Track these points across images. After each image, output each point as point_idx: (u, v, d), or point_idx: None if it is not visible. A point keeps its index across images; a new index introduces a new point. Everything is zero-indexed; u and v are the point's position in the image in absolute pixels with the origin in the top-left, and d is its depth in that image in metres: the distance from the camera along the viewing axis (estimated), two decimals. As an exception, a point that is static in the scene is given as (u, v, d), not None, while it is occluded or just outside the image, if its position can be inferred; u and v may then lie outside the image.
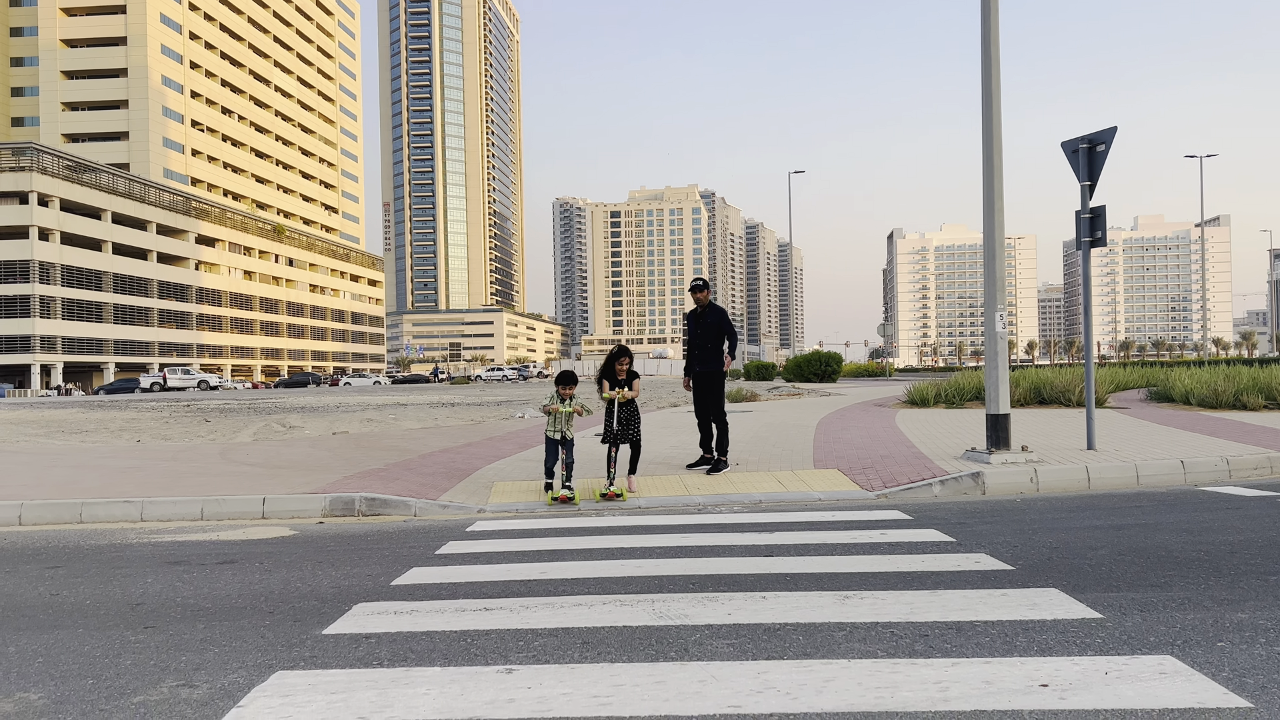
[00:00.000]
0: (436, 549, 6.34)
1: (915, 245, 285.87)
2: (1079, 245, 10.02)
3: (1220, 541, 5.78)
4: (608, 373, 8.49)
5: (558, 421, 8.35)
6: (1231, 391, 15.78)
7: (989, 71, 9.33)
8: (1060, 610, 4.27)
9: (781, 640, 3.94)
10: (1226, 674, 3.38)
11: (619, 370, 8.46)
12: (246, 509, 8.17)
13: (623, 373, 8.47)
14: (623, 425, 8.47)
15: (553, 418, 8.37)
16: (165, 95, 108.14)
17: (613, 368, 8.47)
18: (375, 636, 4.17)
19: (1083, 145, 9.86)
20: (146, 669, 3.81)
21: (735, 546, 6.07)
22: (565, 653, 3.85)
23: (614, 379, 8.47)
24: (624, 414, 8.48)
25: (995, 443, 9.24)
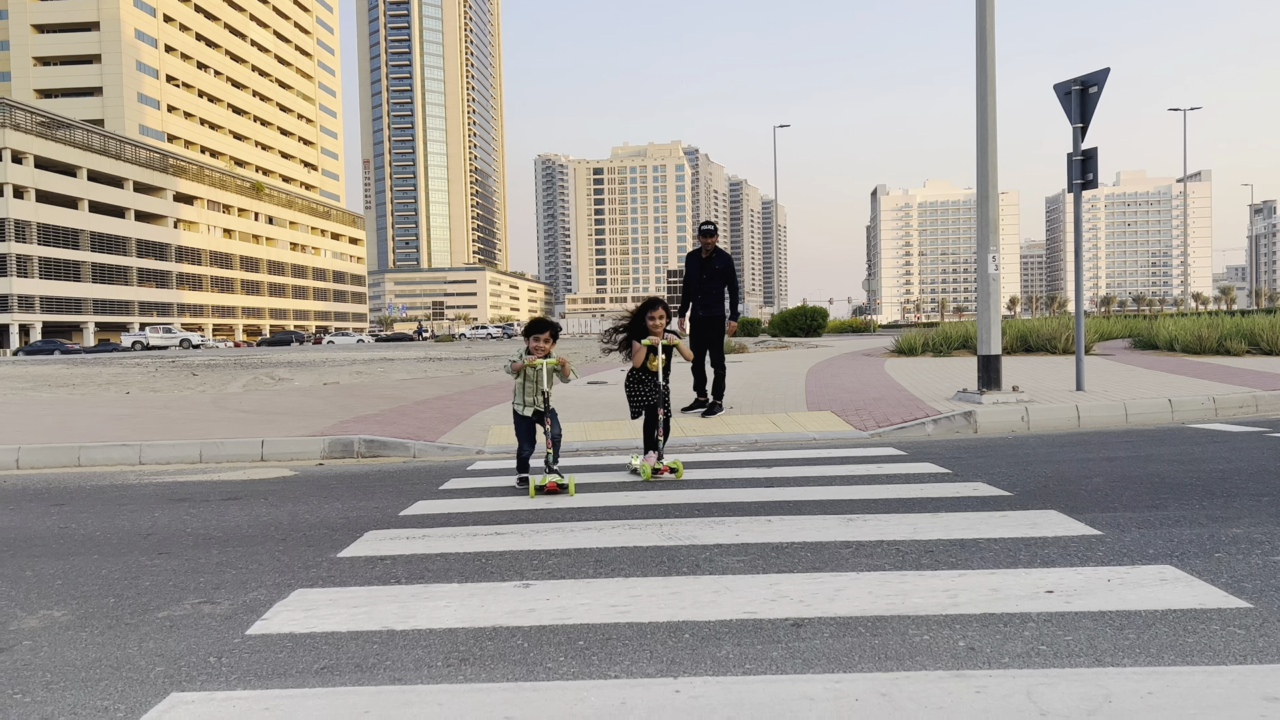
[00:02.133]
0: (440, 485, 6.40)
1: (899, 202, 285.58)
2: (1070, 187, 10.07)
3: (1212, 470, 5.90)
4: (638, 329, 6.51)
5: (530, 386, 5.99)
6: (1215, 337, 15.97)
7: (983, 21, 9.30)
8: (1060, 529, 4.37)
9: (790, 557, 4.03)
10: (1225, 580, 3.48)
11: (654, 326, 6.40)
12: (245, 452, 8.19)
13: (659, 330, 6.42)
14: (665, 390, 6.47)
15: (522, 382, 6.01)
16: (139, 49, 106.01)
17: (644, 323, 6.46)
18: (390, 558, 4.24)
19: (1075, 87, 9.87)
20: (166, 589, 3.86)
21: (736, 480, 6.16)
22: (579, 570, 3.93)
23: (644, 336, 6.45)
24: (665, 377, 6.50)
25: (987, 383, 9.35)
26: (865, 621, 3.16)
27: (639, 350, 6.43)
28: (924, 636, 3.01)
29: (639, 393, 6.49)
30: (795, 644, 2.98)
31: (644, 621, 3.23)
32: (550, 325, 6.07)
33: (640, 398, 6.48)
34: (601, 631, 3.15)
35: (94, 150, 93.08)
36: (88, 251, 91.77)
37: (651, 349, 6.40)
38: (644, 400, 6.46)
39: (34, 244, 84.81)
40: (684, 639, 3.05)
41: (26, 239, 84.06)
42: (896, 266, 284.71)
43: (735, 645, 2.98)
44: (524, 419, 6.02)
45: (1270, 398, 9.43)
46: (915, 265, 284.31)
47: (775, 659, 2.85)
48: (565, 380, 6.02)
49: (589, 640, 3.07)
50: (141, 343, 73.90)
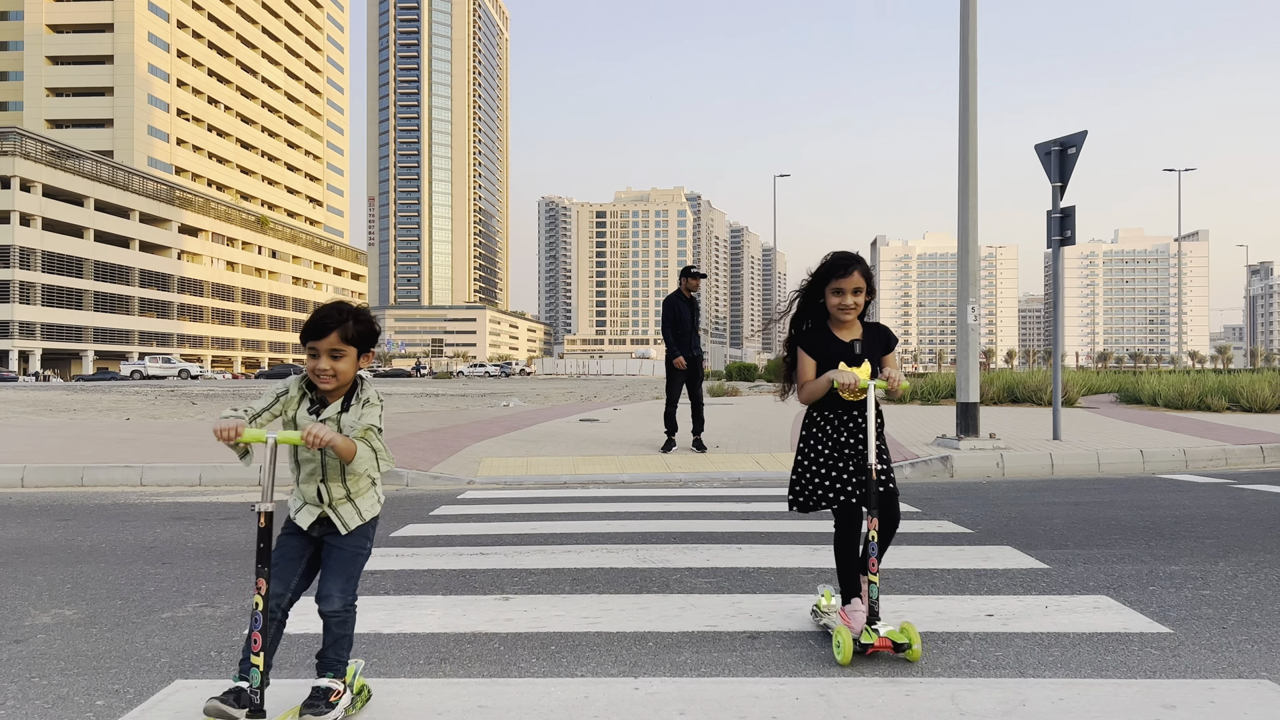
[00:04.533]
0: (430, 511, 6.66)
1: (898, 253, 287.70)
2: (1049, 243, 10.45)
3: (1166, 515, 6.18)
4: (812, 322, 3.45)
5: (306, 457, 2.71)
6: (1197, 394, 16.29)
7: (965, 75, 9.74)
8: (1011, 562, 4.65)
9: (755, 580, 4.30)
10: (1153, 609, 3.76)
11: (843, 310, 3.29)
12: (243, 475, 8.45)
13: (851, 321, 3.35)
14: (884, 462, 3.29)
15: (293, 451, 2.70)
16: (151, 83, 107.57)
17: (821, 307, 3.42)
18: (380, 572, 4.50)
19: (1055, 148, 10.29)
20: (169, 594, 4.13)
21: (714, 512, 6.43)
22: (557, 586, 4.20)
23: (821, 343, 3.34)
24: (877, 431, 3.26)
25: (964, 430, 9.64)
26: (816, 635, 3.44)
27: (807, 371, 3.32)
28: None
29: (824, 461, 3.31)
30: (749, 652, 3.25)
31: (613, 631, 3.50)
32: (342, 319, 2.61)
33: (825, 472, 3.31)
34: (572, 639, 3.42)
35: (102, 181, 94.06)
36: (91, 280, 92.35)
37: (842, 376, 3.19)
38: (835, 484, 3.28)
39: (38, 271, 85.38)
40: (648, 646, 3.32)
41: (31, 266, 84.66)
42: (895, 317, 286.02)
43: (694, 652, 3.25)
44: (290, 538, 2.76)
45: (1240, 451, 9.72)
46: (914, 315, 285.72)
47: (729, 664, 3.12)
48: (378, 465, 2.66)
49: (560, 646, 3.34)
50: (140, 372, 74.18)
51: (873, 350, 3.33)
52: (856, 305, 3.28)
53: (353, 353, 2.63)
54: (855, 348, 3.32)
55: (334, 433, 2.50)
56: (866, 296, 3.29)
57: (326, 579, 2.74)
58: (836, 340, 3.33)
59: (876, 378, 3.25)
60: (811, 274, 3.40)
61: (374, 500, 2.78)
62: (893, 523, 3.33)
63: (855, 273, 3.25)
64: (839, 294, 3.27)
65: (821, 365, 3.31)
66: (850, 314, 3.28)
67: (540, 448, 10.68)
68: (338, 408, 2.65)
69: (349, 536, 2.72)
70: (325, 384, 2.62)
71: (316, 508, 2.73)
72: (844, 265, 3.27)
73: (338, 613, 2.72)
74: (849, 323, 3.33)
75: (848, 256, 3.31)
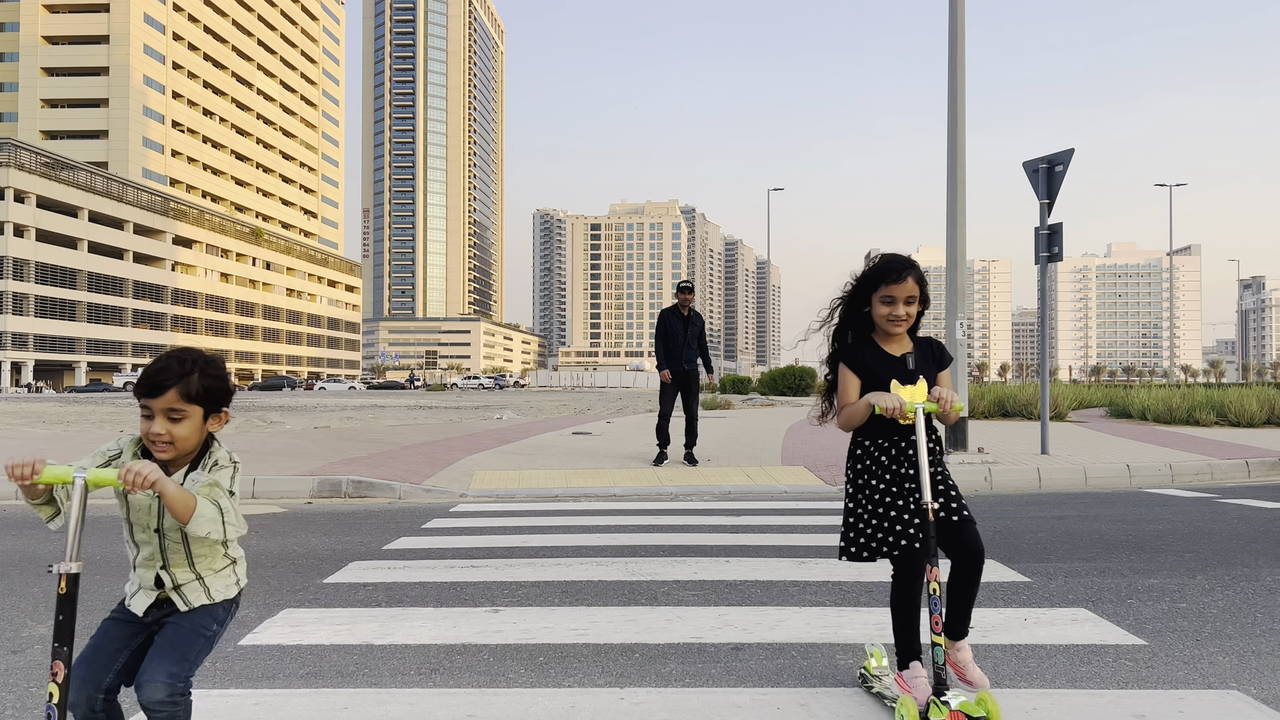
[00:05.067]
0: (422, 524, 6.73)
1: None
2: (1037, 260, 10.57)
3: (1149, 529, 6.27)
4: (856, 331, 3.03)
5: (139, 522, 2.22)
6: (1185, 408, 16.42)
7: (954, 91, 9.88)
8: (994, 575, 4.73)
9: (741, 592, 4.37)
10: (1130, 622, 3.84)
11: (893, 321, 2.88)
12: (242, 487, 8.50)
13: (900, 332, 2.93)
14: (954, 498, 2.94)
15: (125, 513, 2.25)
16: (146, 95, 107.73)
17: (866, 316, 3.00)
18: (372, 585, 4.57)
19: (1042, 165, 10.42)
20: (164, 606, 4.19)
21: (703, 525, 6.50)
22: (546, 598, 4.27)
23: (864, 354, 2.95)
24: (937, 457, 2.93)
25: (953, 444, 9.73)
26: (799, 647, 3.51)
27: (850, 392, 2.90)
28: (849, 660, 3.36)
29: (878, 499, 2.88)
30: (733, 664, 3.32)
31: (600, 643, 3.57)
32: (184, 372, 2.16)
33: (882, 512, 2.87)
34: (560, 650, 3.49)
35: (96, 192, 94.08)
36: (84, 291, 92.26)
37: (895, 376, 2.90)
38: (895, 525, 2.84)
39: (31, 282, 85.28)
40: (634, 658, 3.39)
41: (24, 277, 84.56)
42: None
43: (680, 663, 3.33)
44: (117, 623, 2.24)
45: (1225, 466, 9.83)
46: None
47: (713, 675, 3.20)
48: (224, 530, 2.12)
49: (548, 657, 3.41)
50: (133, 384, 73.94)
51: (926, 367, 2.92)
52: (909, 316, 2.85)
53: (197, 414, 2.14)
54: (908, 362, 2.89)
55: (162, 474, 1.97)
56: (920, 306, 2.89)
57: (153, 657, 2.12)
58: (885, 355, 2.91)
59: (927, 398, 2.83)
60: (856, 278, 2.95)
61: (230, 581, 2.25)
62: (974, 558, 2.88)
63: (909, 278, 2.83)
64: (889, 303, 2.85)
65: (868, 384, 2.88)
66: (902, 326, 2.86)
67: (532, 461, 10.75)
68: (180, 479, 2.14)
69: (191, 613, 2.19)
70: (161, 452, 2.12)
71: (155, 591, 2.20)
72: (896, 269, 2.83)
73: (163, 704, 2.06)
74: (899, 336, 2.91)
75: (900, 260, 2.88)
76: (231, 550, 2.27)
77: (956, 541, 2.89)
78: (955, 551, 2.89)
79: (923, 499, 2.75)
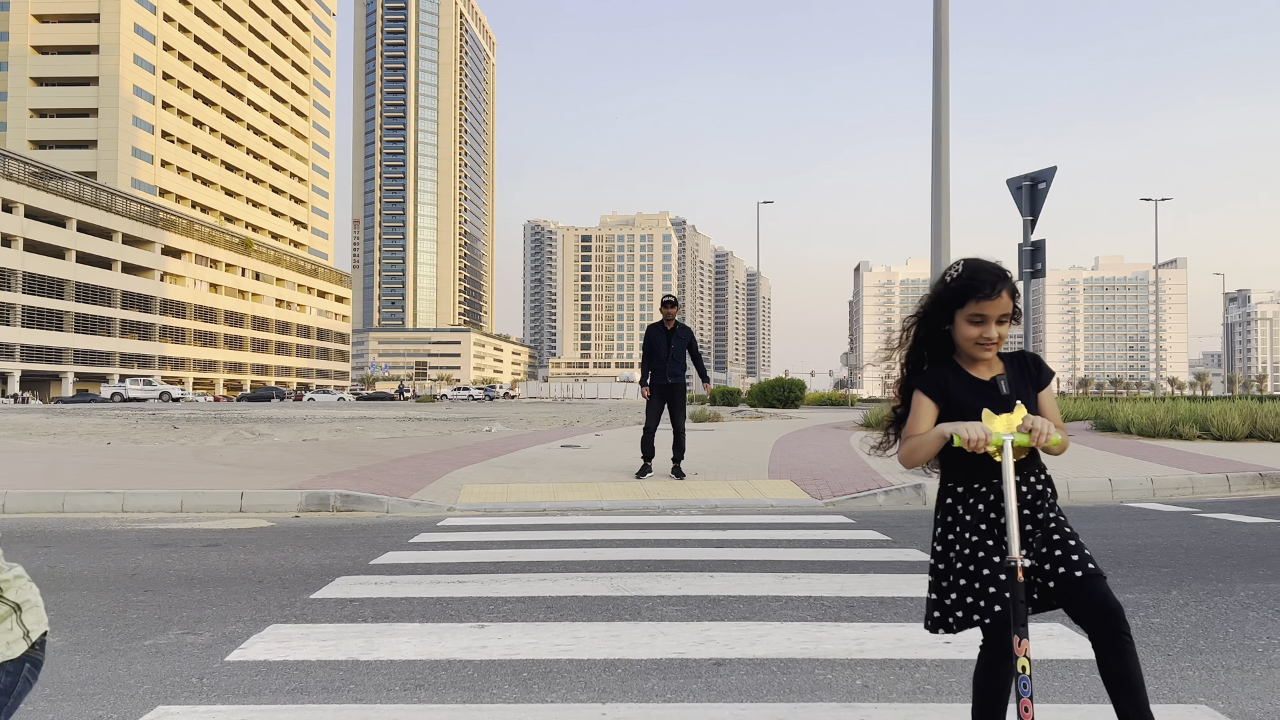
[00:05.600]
0: (410, 538, 6.76)
1: (881, 278, 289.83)
2: (1020, 276, 10.68)
3: (1128, 544, 6.35)
4: (935, 351, 2.52)
5: None
6: (1169, 421, 16.54)
7: (938, 109, 10.00)
8: (973, 590, 4.80)
9: (724, 608, 4.43)
10: (1104, 636, 3.91)
11: (983, 344, 2.39)
12: (225, 502, 8.52)
13: (991, 352, 2.41)
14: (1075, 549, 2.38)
15: None
16: (136, 105, 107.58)
17: (947, 334, 2.47)
18: (359, 600, 4.61)
19: (1025, 182, 10.55)
20: (152, 621, 4.22)
21: (689, 540, 6.55)
22: (531, 614, 4.32)
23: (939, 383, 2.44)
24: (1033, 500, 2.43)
25: (938, 458, 9.81)
26: (779, 663, 3.57)
27: (922, 422, 2.43)
28: (828, 676, 3.41)
29: (969, 555, 2.39)
30: (714, 679, 3.38)
31: (584, 658, 3.62)
32: None
33: (974, 570, 2.37)
34: (544, 666, 3.54)
35: (85, 202, 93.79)
36: (72, 301, 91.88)
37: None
38: (987, 587, 2.32)
39: (18, 292, 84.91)
40: (617, 673, 3.44)
41: (11, 287, 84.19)
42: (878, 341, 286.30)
43: (661, 679, 3.38)
44: None
45: (1206, 480, 9.93)
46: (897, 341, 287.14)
47: (694, 691, 3.25)
48: None
49: (532, 673, 3.46)
50: (121, 394, 73.70)
51: (1023, 388, 2.42)
52: (1001, 338, 2.38)
53: None
54: (1000, 386, 2.40)
55: None
56: (1012, 324, 2.42)
57: None
58: (972, 380, 2.41)
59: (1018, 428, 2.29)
60: (936, 292, 2.45)
61: (13, 636, 1.69)
62: (1109, 617, 2.23)
63: (1003, 293, 2.33)
64: (979, 322, 2.35)
65: (954, 416, 2.36)
66: (993, 350, 2.38)
67: (521, 474, 10.78)
68: None
69: None
70: None
71: None
72: (989, 283, 2.34)
73: None
74: (987, 351, 2.39)
75: (991, 271, 2.37)
76: (9, 594, 1.70)
77: (1082, 602, 2.26)
78: (1086, 616, 2.25)
79: (1009, 553, 2.20)
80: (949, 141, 10.04)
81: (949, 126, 10.04)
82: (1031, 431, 2.27)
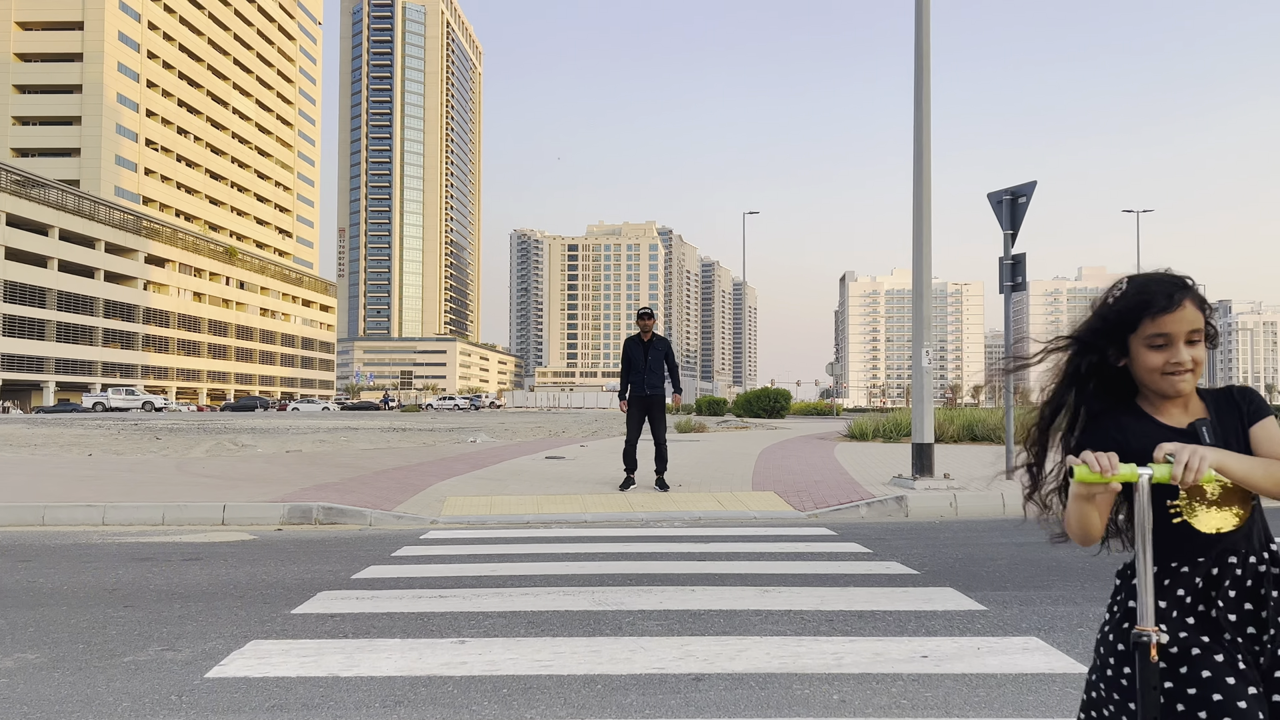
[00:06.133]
0: (392, 552, 6.76)
1: (867, 288, 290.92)
2: (1001, 289, 10.78)
3: (1105, 555, 6.40)
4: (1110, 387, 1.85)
5: None
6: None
7: (920, 121, 10.09)
8: (951, 604, 4.84)
9: (705, 622, 4.46)
10: (1078, 651, 3.95)
11: (1176, 381, 1.74)
12: (207, 515, 8.49)
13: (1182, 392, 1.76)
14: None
15: None
16: (120, 113, 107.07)
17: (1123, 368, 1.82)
18: (340, 615, 4.61)
19: (1006, 197, 10.65)
20: (131, 637, 4.21)
21: (671, 553, 6.58)
22: (513, 629, 4.33)
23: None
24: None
25: (920, 470, 9.87)
26: (758, 677, 3.60)
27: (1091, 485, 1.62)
28: (805, 690, 3.44)
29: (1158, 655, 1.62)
30: (692, 695, 3.40)
31: (564, 674, 3.64)
32: None
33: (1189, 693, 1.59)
34: (525, 682, 3.55)
35: (67, 210, 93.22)
36: (54, 310, 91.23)
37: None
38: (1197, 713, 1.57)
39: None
40: (596, 689, 3.47)
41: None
42: (864, 351, 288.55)
43: (640, 694, 3.40)
44: None
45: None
46: (882, 350, 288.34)
47: (672, 706, 3.28)
48: None
49: (512, 689, 3.48)
50: (103, 404, 73.19)
51: (1232, 430, 1.76)
52: (1196, 362, 1.77)
53: None
54: (1203, 434, 1.74)
55: None
56: (1207, 345, 1.80)
57: None
58: (1161, 428, 1.77)
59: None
60: (1098, 314, 1.85)
61: None
62: None
63: (1186, 303, 1.74)
64: (1162, 346, 1.74)
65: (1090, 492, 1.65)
66: (1188, 378, 1.75)
67: (505, 486, 10.78)
68: None
69: None
70: None
71: None
72: (1163, 293, 1.75)
73: None
74: (1184, 395, 1.77)
75: (1166, 280, 1.78)
76: None
77: None
78: None
79: (1139, 625, 1.60)
80: (930, 154, 10.13)
81: (930, 139, 10.13)
82: (1176, 462, 1.58)
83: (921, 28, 10.10)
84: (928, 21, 10.10)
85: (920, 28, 10.11)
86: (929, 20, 10.10)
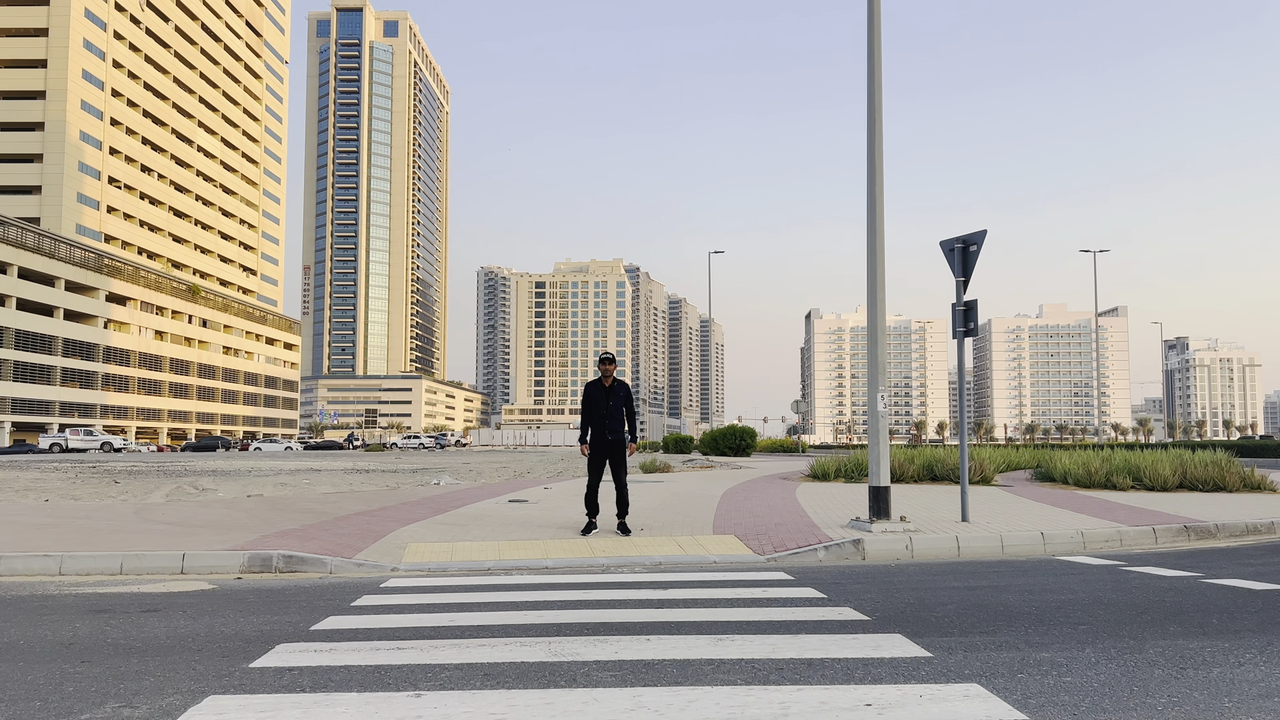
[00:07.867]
0: (352, 601, 6.79)
1: (832, 325, 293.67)
2: (954, 334, 11.06)
3: (1051, 600, 6.60)
4: None
5: None
6: (1104, 472, 17.04)
7: (873, 171, 10.40)
8: (899, 650, 4.98)
9: (658, 672, 4.56)
10: (1017, 697, 4.10)
11: None
12: (166, 564, 8.46)
13: None
14: None
15: None
16: (83, 151, 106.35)
17: None
18: (298, 669, 4.66)
19: (958, 245, 10.96)
20: (88, 694, 4.24)
21: (630, 600, 6.67)
22: (469, 682, 4.41)
23: None
24: None
25: (877, 513, 10.05)
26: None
27: None
28: (751, 741, 3.55)
29: None
30: (642, 747, 3.50)
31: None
32: None
33: None
34: (478, 735, 3.63)
35: (26, 248, 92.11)
36: (11, 349, 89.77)
37: None
38: None
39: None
40: (548, 742, 3.55)
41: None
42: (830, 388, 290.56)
43: (591, 747, 3.49)
44: None
45: (1134, 533, 10.28)
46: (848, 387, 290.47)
47: (621, 759, 3.37)
48: None
49: (466, 742, 3.55)
50: (60, 445, 71.79)
51: None
52: None
53: None
54: None
55: None
56: None
57: None
58: None
59: None
60: None
61: None
62: None
63: None
64: None
65: None
66: None
67: (466, 532, 10.82)
68: None
69: None
70: None
71: None
72: None
73: None
74: None
75: None
76: None
77: None
78: None
79: None
80: (883, 206, 10.42)
81: (882, 191, 10.42)
82: None
83: (874, 68, 10.44)
84: (879, 59, 10.45)
85: (872, 69, 10.45)
86: (880, 58, 10.45)
